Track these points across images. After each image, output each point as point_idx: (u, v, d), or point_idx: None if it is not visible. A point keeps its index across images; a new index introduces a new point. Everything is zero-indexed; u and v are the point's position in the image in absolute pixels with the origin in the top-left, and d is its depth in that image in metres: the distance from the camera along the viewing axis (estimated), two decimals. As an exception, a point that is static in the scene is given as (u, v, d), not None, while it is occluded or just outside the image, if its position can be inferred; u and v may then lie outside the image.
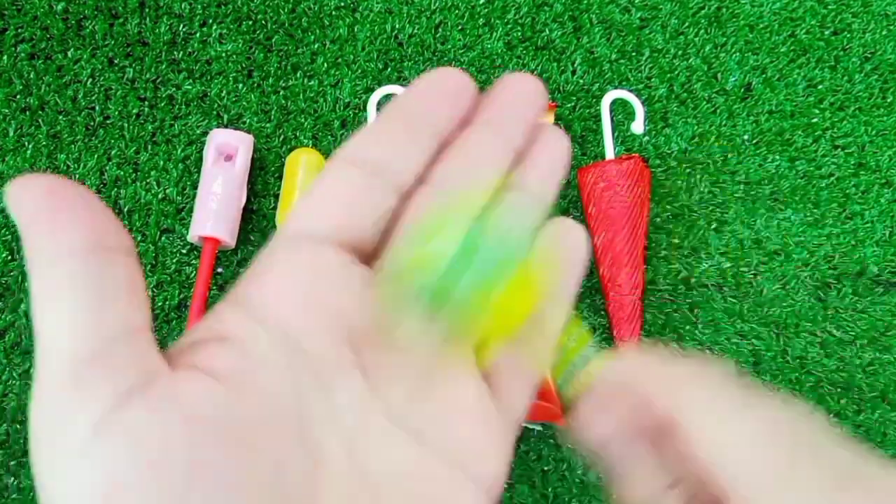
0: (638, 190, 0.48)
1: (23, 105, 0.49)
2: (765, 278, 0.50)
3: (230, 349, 0.19)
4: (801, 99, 0.53)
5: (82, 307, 0.17)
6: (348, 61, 0.52)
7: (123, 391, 0.17)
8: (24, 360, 0.46)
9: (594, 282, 0.49)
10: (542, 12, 0.53)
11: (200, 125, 0.50)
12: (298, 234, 0.21)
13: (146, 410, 0.17)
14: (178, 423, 0.17)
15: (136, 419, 0.16)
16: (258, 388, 0.18)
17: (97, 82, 0.50)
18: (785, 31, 0.54)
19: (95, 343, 0.17)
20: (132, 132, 0.49)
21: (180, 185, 0.49)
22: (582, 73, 0.52)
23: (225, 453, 0.17)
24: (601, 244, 0.48)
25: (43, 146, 0.49)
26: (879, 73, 0.54)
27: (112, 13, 0.51)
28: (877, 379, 0.48)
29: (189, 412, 0.17)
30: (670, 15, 0.54)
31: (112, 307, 0.17)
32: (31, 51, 0.50)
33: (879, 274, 0.50)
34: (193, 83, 0.50)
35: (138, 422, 0.16)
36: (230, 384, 0.18)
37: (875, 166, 0.52)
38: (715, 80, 0.53)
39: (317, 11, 0.52)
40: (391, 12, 0.53)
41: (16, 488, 0.44)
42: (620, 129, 0.52)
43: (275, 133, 0.50)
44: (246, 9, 0.52)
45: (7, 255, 0.47)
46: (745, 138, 0.52)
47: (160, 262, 0.48)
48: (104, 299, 0.17)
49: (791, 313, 0.49)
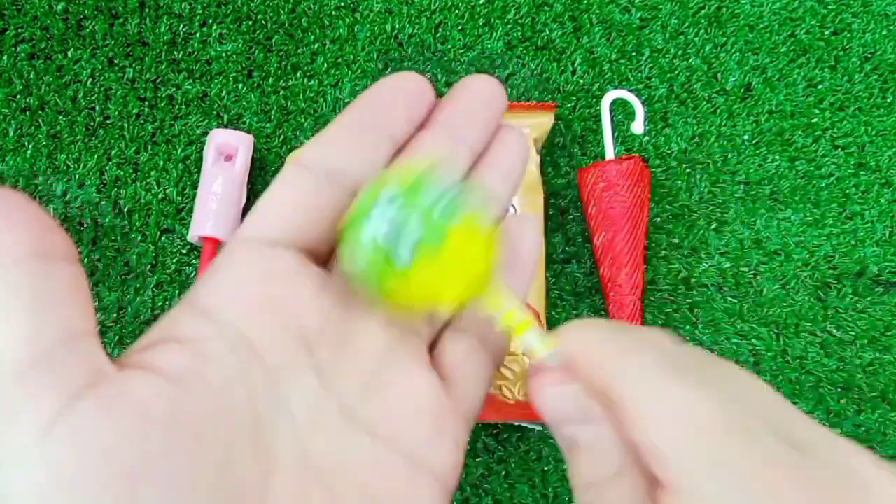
0: (638, 190, 0.48)
1: (23, 105, 0.49)
2: (765, 278, 0.50)
3: (181, 350, 0.19)
4: (801, 99, 0.53)
5: (23, 313, 0.17)
6: (348, 61, 0.52)
7: (71, 392, 0.17)
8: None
9: (594, 282, 0.49)
10: (542, 12, 0.53)
11: (200, 125, 0.50)
12: (253, 238, 0.22)
13: (94, 410, 0.17)
14: (126, 421, 0.17)
15: (84, 418, 0.17)
16: (208, 387, 0.19)
17: (97, 82, 0.50)
18: (785, 31, 0.54)
19: (37, 348, 0.17)
20: (132, 132, 0.49)
21: (180, 185, 0.49)
22: (582, 73, 0.52)
23: (173, 451, 0.17)
24: (601, 244, 0.48)
25: (43, 146, 0.49)
26: (879, 73, 0.54)
27: (112, 13, 0.51)
28: (877, 379, 0.48)
29: (137, 410, 0.17)
30: (670, 15, 0.54)
31: (54, 313, 0.17)
32: (31, 51, 0.50)
33: (879, 274, 0.50)
34: (193, 83, 0.50)
35: (85, 421, 0.17)
36: (180, 383, 0.18)
37: (875, 166, 0.52)
38: (715, 80, 0.53)
39: (317, 11, 0.52)
40: (391, 12, 0.53)
41: (16, 488, 0.44)
42: (620, 129, 0.52)
43: (275, 133, 0.50)
44: (246, 9, 0.52)
45: (7, 255, 0.47)
46: (745, 138, 0.52)
47: (160, 262, 0.48)
48: (45, 305, 0.17)
49: (791, 313, 0.49)
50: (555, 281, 0.49)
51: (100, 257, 0.47)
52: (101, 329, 0.46)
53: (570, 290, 0.49)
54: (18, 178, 0.48)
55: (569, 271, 0.49)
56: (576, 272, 0.49)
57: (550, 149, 0.51)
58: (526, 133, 0.48)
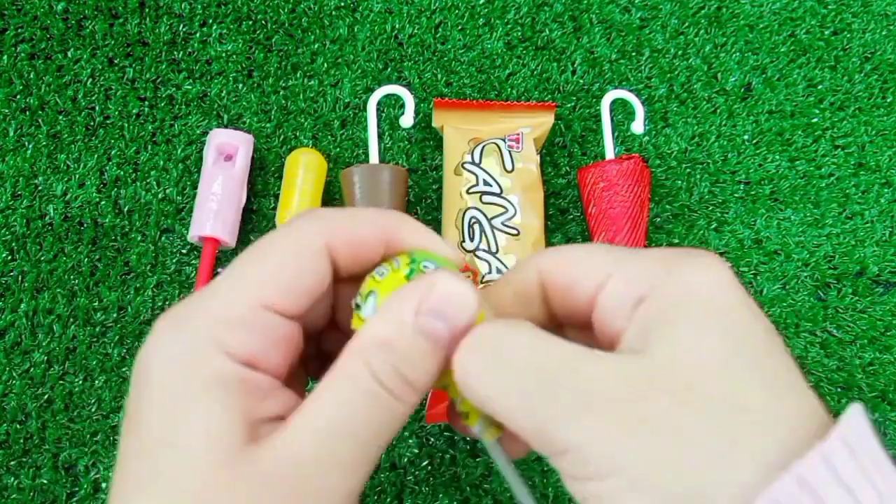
0: (638, 190, 0.48)
1: (23, 105, 0.49)
2: (765, 278, 0.50)
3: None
4: (801, 99, 0.53)
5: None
6: (348, 61, 0.52)
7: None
8: (24, 360, 0.46)
9: (594, 282, 0.49)
10: (542, 12, 0.53)
11: (200, 125, 0.50)
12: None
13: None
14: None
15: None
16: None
17: (97, 82, 0.50)
18: (785, 31, 0.54)
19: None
20: (132, 132, 0.49)
21: (180, 185, 0.49)
22: (582, 73, 0.52)
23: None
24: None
25: (43, 146, 0.49)
26: (879, 73, 0.54)
27: (112, 13, 0.51)
28: (877, 379, 0.48)
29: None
30: (670, 15, 0.54)
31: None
32: (31, 51, 0.50)
33: (879, 274, 0.50)
34: (193, 83, 0.50)
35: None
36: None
37: (875, 166, 0.52)
38: (715, 80, 0.53)
39: (317, 11, 0.52)
40: (391, 12, 0.53)
41: (16, 488, 0.44)
42: (620, 129, 0.52)
43: (275, 133, 0.50)
44: (246, 9, 0.52)
45: (7, 255, 0.47)
46: (745, 138, 0.52)
47: (160, 262, 0.48)
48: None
49: (791, 313, 0.49)
50: (555, 281, 0.49)
51: (100, 257, 0.47)
52: (102, 329, 0.46)
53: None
54: (18, 178, 0.48)
55: (569, 271, 0.49)
56: (576, 272, 0.49)
57: (550, 149, 0.51)
58: (526, 133, 0.48)
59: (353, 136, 0.50)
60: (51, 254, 0.47)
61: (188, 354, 0.21)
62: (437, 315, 0.21)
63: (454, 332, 0.22)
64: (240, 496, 0.19)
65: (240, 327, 0.21)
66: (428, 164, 0.50)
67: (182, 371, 0.21)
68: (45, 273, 0.47)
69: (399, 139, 0.50)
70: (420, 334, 0.21)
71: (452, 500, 0.45)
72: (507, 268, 0.45)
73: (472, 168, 0.47)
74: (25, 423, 0.45)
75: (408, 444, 0.45)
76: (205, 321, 0.21)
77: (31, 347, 0.46)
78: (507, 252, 0.46)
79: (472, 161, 0.47)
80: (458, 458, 0.45)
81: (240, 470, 0.20)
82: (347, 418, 0.20)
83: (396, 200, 0.47)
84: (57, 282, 0.47)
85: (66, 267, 0.47)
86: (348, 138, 0.50)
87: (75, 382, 0.45)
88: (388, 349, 0.21)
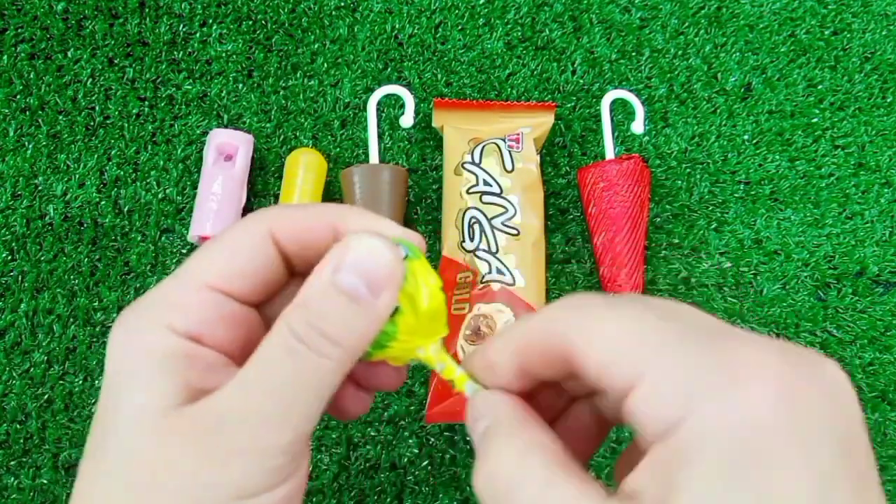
0: (638, 190, 0.48)
1: (23, 105, 0.49)
2: (765, 278, 0.50)
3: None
4: (801, 99, 0.53)
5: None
6: (348, 61, 0.52)
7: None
8: (24, 360, 0.46)
9: (594, 282, 0.49)
10: (542, 12, 0.53)
11: (200, 125, 0.50)
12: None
13: None
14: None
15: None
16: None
17: (97, 82, 0.50)
18: (785, 31, 0.54)
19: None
20: (132, 132, 0.50)
21: (180, 185, 0.49)
22: (582, 73, 0.52)
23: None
24: (601, 244, 0.48)
25: (43, 146, 0.49)
26: (879, 73, 0.54)
27: (112, 13, 0.51)
28: (877, 379, 0.48)
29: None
30: (670, 15, 0.54)
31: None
32: (31, 51, 0.50)
33: (879, 274, 0.50)
34: (193, 83, 0.50)
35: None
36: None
37: (875, 166, 0.52)
38: (715, 80, 0.53)
39: (317, 11, 0.52)
40: (391, 12, 0.53)
41: (16, 488, 0.44)
42: (620, 129, 0.52)
43: (275, 133, 0.50)
44: (246, 9, 0.52)
45: (7, 255, 0.47)
46: (745, 138, 0.52)
47: (160, 262, 0.48)
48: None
49: (791, 313, 0.49)
50: (555, 281, 0.49)
51: (100, 257, 0.47)
52: (102, 329, 0.46)
53: (571, 290, 0.49)
54: (18, 178, 0.48)
55: (569, 271, 0.49)
56: (576, 272, 0.49)
57: (550, 149, 0.51)
58: (526, 133, 0.48)
59: (353, 136, 0.50)
60: (51, 254, 0.47)
61: (134, 332, 0.23)
62: (352, 271, 0.22)
63: (372, 286, 0.22)
64: (171, 450, 0.21)
65: (184, 306, 0.23)
66: (428, 164, 0.50)
67: (129, 347, 0.22)
68: (45, 273, 0.47)
69: (399, 139, 0.50)
70: (339, 292, 0.22)
71: (452, 500, 0.45)
72: (507, 268, 0.45)
73: (472, 168, 0.47)
74: (25, 423, 0.45)
75: (408, 444, 0.45)
76: (153, 302, 0.23)
77: (31, 347, 0.46)
78: (507, 252, 0.46)
79: (472, 161, 0.47)
80: (458, 458, 0.45)
81: (170, 426, 0.21)
82: (269, 375, 0.22)
83: (396, 200, 0.47)
84: (57, 282, 0.47)
85: (66, 267, 0.47)
86: (348, 138, 0.50)
87: (75, 382, 0.45)
88: (304, 307, 0.22)
